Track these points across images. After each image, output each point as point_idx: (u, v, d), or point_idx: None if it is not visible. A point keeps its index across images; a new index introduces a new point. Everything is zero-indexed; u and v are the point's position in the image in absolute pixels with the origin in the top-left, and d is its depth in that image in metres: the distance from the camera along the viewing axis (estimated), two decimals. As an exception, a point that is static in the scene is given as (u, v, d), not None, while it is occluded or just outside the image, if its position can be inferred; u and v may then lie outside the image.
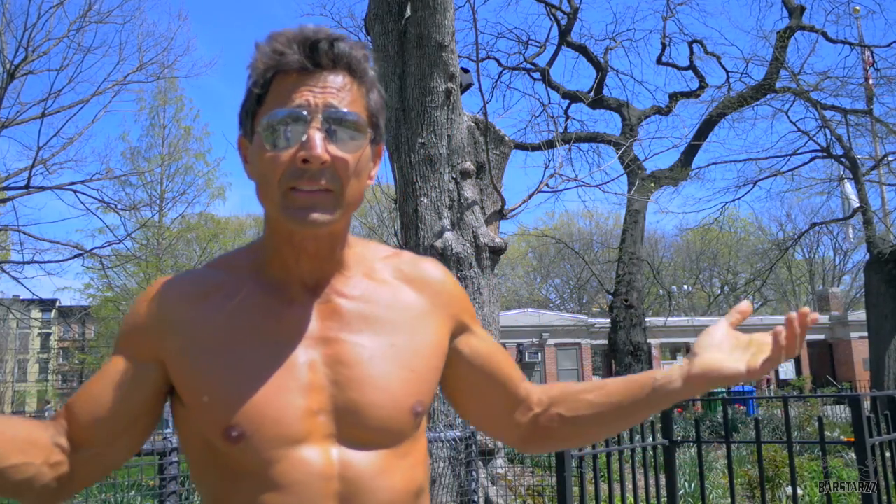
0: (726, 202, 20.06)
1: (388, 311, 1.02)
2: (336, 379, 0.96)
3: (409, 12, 7.00)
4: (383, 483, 0.94)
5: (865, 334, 17.01)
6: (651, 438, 3.80)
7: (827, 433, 6.08)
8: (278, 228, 0.96)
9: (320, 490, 0.91)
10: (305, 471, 0.91)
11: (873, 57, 17.66)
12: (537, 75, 19.44)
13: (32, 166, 15.80)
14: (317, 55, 0.91)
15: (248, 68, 0.95)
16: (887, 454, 3.56)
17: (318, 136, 0.89)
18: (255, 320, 0.97)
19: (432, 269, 1.10)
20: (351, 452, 0.94)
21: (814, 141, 17.61)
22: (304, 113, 0.90)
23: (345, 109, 0.92)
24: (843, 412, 13.76)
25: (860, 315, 25.84)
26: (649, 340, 22.13)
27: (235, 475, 0.93)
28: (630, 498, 3.50)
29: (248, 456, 0.91)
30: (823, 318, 33.91)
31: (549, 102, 19.12)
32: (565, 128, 19.27)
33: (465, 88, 7.26)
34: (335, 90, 0.92)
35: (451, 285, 1.11)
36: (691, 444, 4.23)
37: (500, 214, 7.10)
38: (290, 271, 0.99)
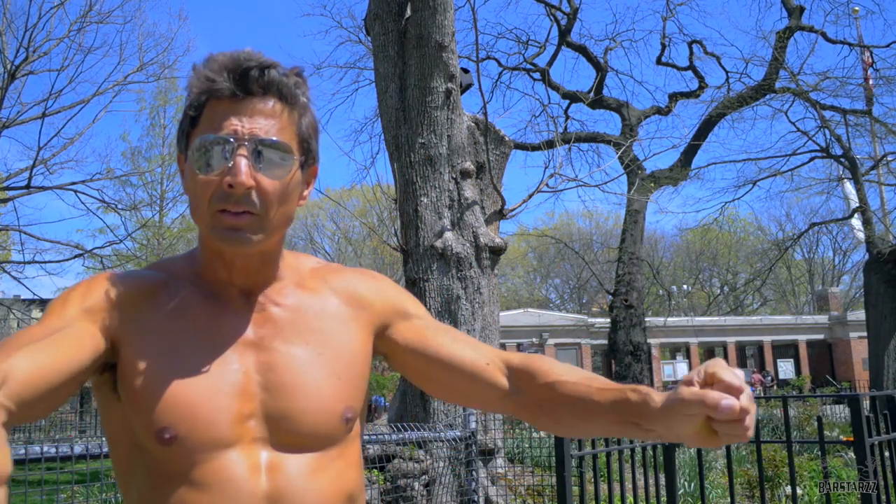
0: (726, 202, 20.11)
1: (316, 321, 1.06)
2: (267, 386, 0.99)
3: (409, 12, 7.01)
4: (312, 485, 0.97)
5: (865, 334, 17.02)
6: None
7: (826, 433, 6.08)
8: (209, 244, 1.01)
9: (247, 490, 0.93)
10: (233, 472, 0.94)
11: (872, 57, 17.68)
12: (537, 75, 19.45)
13: (33, 166, 15.80)
14: (247, 82, 0.95)
15: (185, 89, 0.99)
16: (886, 454, 3.57)
17: (243, 163, 0.92)
18: (193, 324, 1.00)
19: (353, 277, 1.15)
20: (281, 455, 0.97)
21: (813, 141, 17.64)
22: (232, 140, 0.93)
23: (272, 138, 0.95)
24: (842, 412, 13.77)
25: (859, 315, 25.86)
26: (649, 340, 22.14)
27: (164, 477, 0.94)
28: (630, 498, 3.51)
29: (178, 458, 0.93)
30: (823, 318, 33.93)
31: (549, 102, 19.12)
32: (565, 128, 19.28)
33: (465, 88, 7.26)
34: (264, 118, 0.95)
35: (370, 288, 1.14)
36: (691, 443, 4.22)
37: (500, 214, 7.10)
38: (222, 282, 1.04)
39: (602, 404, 0.98)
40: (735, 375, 0.81)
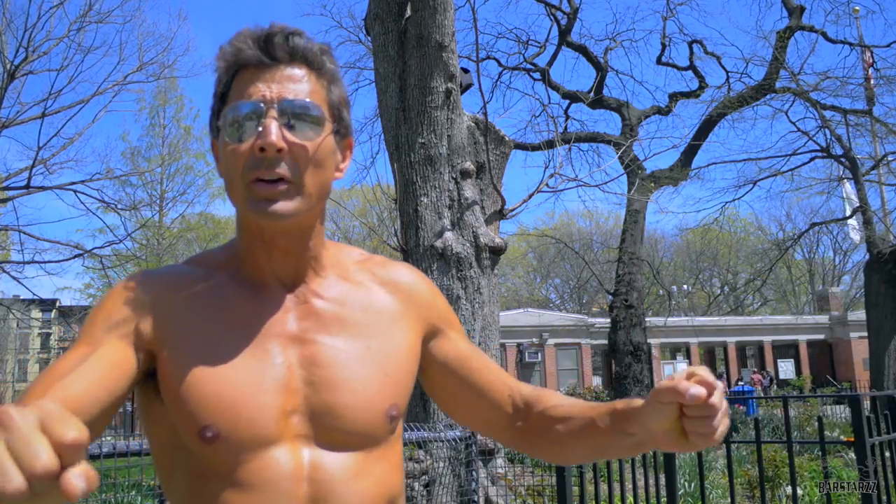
0: (726, 202, 20.09)
1: (363, 314, 1.03)
2: (311, 380, 0.96)
3: (409, 12, 7.00)
4: (355, 487, 0.95)
5: (865, 334, 17.02)
6: (651, 438, 3.80)
7: (827, 433, 6.08)
8: (248, 226, 0.98)
9: (290, 492, 0.91)
10: (275, 472, 0.92)
11: (873, 57, 17.67)
12: (537, 75, 19.44)
13: (32, 166, 15.80)
14: (273, 49, 0.94)
15: (214, 71, 0.98)
16: (887, 454, 3.56)
17: (273, 125, 0.91)
18: (233, 318, 0.97)
19: (405, 272, 1.12)
20: (323, 454, 0.95)
21: (813, 141, 17.63)
22: (261, 105, 0.92)
23: (301, 100, 0.93)
24: (842, 412, 13.77)
25: (860, 315, 25.84)
26: (649, 340, 22.12)
27: (206, 476, 0.93)
28: (630, 498, 3.51)
29: (220, 456, 0.92)
30: (823, 318, 33.91)
31: (549, 102, 19.10)
32: (565, 128, 19.28)
33: (465, 88, 7.26)
34: (292, 82, 0.94)
35: (425, 288, 1.13)
36: (691, 443, 4.22)
37: (500, 214, 7.10)
38: (263, 270, 1.00)
39: (592, 416, 1.00)
40: (712, 376, 0.84)
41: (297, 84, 0.94)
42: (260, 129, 0.91)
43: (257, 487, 0.91)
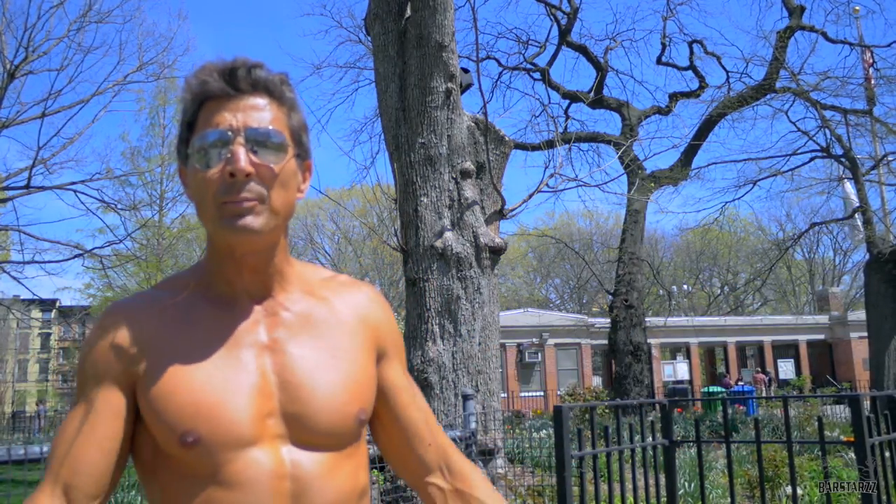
0: (726, 202, 20.12)
1: (325, 326, 1.09)
2: (283, 386, 1.02)
3: (409, 12, 7.00)
4: (331, 483, 1.01)
5: (865, 334, 17.02)
6: (651, 438, 3.80)
7: (827, 433, 6.08)
8: (219, 245, 1.04)
9: (273, 488, 0.97)
10: (258, 470, 0.97)
11: (873, 57, 17.67)
12: (537, 75, 19.45)
13: (32, 166, 15.82)
14: (236, 80, 1.01)
15: (179, 101, 1.03)
16: (887, 454, 3.56)
17: (241, 152, 0.97)
18: (206, 332, 1.03)
19: (363, 293, 1.18)
20: (300, 453, 1.00)
21: (814, 141, 17.64)
22: (229, 133, 0.99)
23: (265, 127, 1.00)
24: (842, 412, 13.77)
25: (860, 315, 25.85)
26: (649, 340, 22.11)
27: (188, 477, 0.98)
28: (630, 498, 3.50)
29: (202, 459, 0.97)
30: (823, 318, 33.90)
31: (549, 102, 19.11)
32: (565, 128, 19.28)
33: (465, 88, 7.26)
34: (255, 111, 1.01)
35: (380, 312, 1.19)
36: (691, 443, 4.23)
37: (500, 214, 7.10)
38: (234, 286, 1.06)
39: None
40: None
41: (260, 113, 1.01)
42: (228, 155, 0.98)
43: (242, 485, 0.96)
